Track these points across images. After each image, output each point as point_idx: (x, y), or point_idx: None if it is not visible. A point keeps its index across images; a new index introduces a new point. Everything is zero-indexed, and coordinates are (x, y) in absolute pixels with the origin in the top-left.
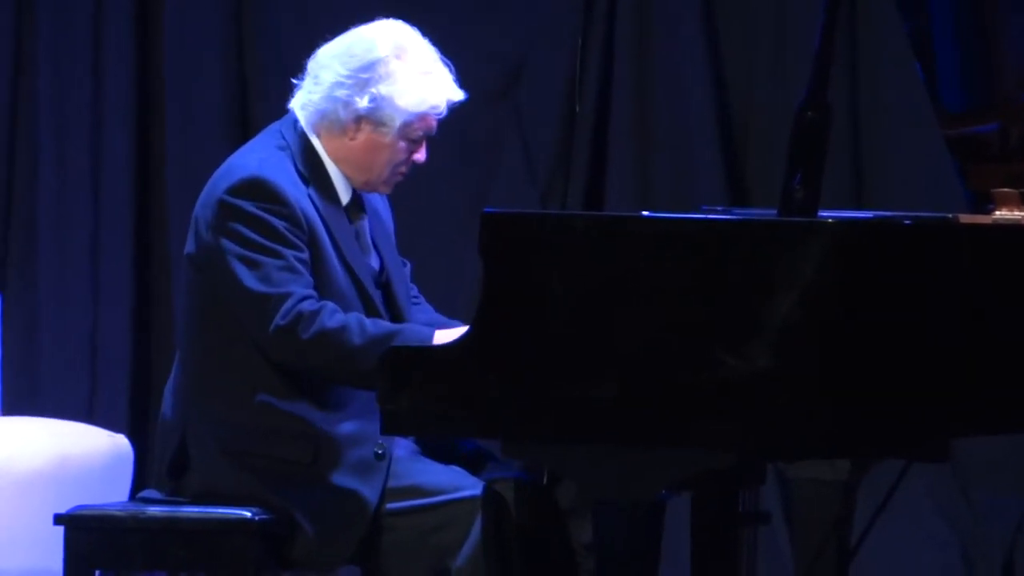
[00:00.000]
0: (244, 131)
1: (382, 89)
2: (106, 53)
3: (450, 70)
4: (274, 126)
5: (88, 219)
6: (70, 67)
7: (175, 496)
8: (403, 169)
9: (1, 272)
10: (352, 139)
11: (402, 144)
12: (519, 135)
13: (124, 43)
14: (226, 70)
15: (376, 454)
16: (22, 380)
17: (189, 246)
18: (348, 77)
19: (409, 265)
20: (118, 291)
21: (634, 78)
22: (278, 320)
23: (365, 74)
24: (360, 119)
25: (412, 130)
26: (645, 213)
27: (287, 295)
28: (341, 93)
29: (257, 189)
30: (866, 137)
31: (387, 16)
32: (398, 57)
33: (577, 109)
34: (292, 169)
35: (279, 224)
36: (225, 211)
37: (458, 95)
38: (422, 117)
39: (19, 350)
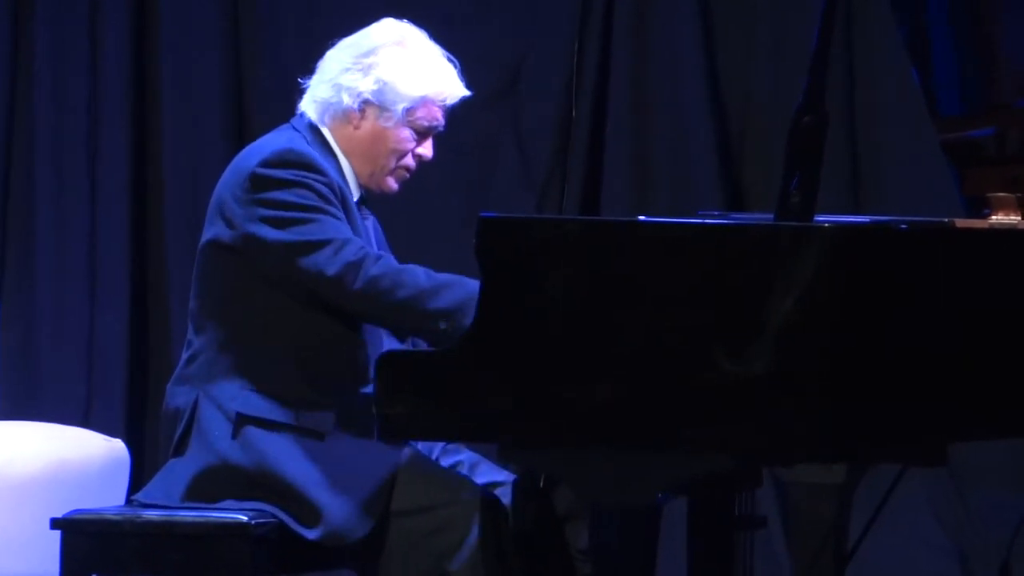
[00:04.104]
0: (241, 132)
1: (384, 73)
2: (103, 54)
3: (455, 67)
4: (284, 125)
5: (85, 223)
6: (67, 69)
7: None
8: (409, 163)
9: None
10: (357, 127)
11: (406, 132)
12: (516, 139)
13: (121, 44)
14: (223, 71)
15: None
16: (19, 384)
17: (213, 231)
18: (353, 63)
19: None
20: (115, 295)
21: (630, 82)
22: (346, 256)
23: (368, 59)
24: (365, 104)
25: (416, 119)
26: (642, 218)
27: (347, 240)
28: (345, 79)
29: (293, 160)
30: (863, 142)
31: (383, 16)
32: (400, 44)
33: (573, 113)
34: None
35: (322, 188)
36: (260, 183)
37: (462, 90)
38: (425, 103)
39: (16, 354)
